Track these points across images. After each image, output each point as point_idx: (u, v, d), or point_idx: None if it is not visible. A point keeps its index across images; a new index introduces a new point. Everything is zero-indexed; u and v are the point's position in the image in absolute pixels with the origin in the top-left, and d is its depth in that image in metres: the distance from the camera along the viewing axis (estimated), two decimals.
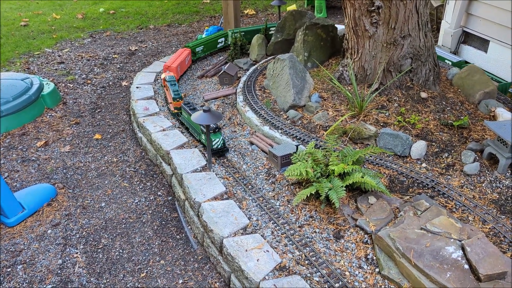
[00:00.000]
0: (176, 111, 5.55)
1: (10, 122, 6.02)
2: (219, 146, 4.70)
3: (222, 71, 6.28)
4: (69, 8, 12.25)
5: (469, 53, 6.71)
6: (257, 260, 3.42)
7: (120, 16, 11.48)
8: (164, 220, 4.51)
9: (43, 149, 5.72)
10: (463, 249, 3.08)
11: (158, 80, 6.75)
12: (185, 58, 6.69)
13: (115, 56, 8.73)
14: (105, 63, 8.41)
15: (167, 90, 5.84)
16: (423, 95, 5.07)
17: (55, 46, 9.35)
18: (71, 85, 7.46)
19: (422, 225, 3.35)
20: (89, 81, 7.63)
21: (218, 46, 7.59)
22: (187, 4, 12.42)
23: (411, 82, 5.18)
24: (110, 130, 6.15)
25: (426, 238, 3.23)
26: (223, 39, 7.60)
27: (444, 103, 5.05)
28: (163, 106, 6.01)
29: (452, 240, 3.17)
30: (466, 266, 2.97)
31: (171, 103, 5.63)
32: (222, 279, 3.75)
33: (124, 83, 7.52)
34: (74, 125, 6.27)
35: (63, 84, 7.44)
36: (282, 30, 6.95)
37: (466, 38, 6.81)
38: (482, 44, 6.46)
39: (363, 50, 5.13)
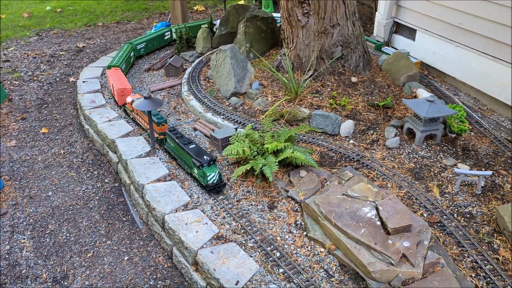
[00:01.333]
0: (161, 137, 4.86)
1: None
2: (215, 181, 4.09)
3: (167, 64, 6.49)
4: (15, 7, 12.00)
5: (400, 42, 7.23)
6: (196, 232, 3.69)
7: (68, 14, 11.39)
8: (111, 204, 4.69)
9: None
10: (376, 209, 3.47)
11: (105, 75, 6.86)
12: (124, 76, 6.14)
13: (62, 53, 8.73)
14: (52, 60, 8.40)
15: (137, 115, 5.29)
16: (354, 79, 5.49)
17: (1, 46, 9.21)
18: (17, 82, 7.43)
19: (344, 191, 3.72)
20: (35, 78, 7.62)
21: (131, 60, 7.18)
22: (137, 2, 12.46)
23: (343, 68, 5.59)
24: (57, 124, 6.23)
25: (346, 202, 3.60)
26: (132, 52, 7.19)
27: (372, 86, 5.49)
28: (109, 98, 6.15)
29: (368, 202, 3.56)
30: (378, 223, 3.36)
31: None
32: (165, 253, 3.99)
33: (71, 79, 7.56)
34: (20, 121, 6.30)
35: (8, 82, 7.40)
36: (226, 24, 7.23)
37: (397, 28, 7.33)
38: (411, 33, 6.98)
39: (298, 39, 5.49)
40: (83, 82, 6.55)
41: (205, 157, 4.12)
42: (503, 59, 5.42)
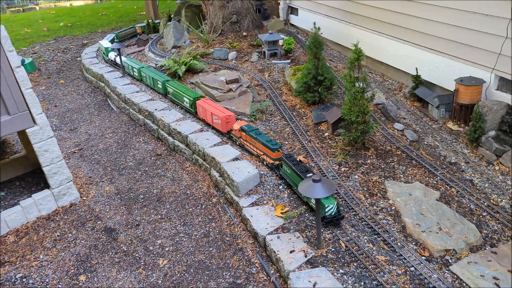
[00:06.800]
0: (276, 162, 4.84)
1: None
2: (333, 214, 3.94)
3: (138, 38, 10.31)
4: (36, 25, 16.09)
5: (293, 18, 10.95)
6: (140, 98, 7.35)
7: (76, 27, 15.41)
8: (101, 105, 8.37)
9: None
10: (226, 77, 7.10)
11: (99, 52, 10.66)
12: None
13: (72, 46, 12.63)
14: (65, 50, 12.29)
15: (245, 141, 5.35)
16: (244, 34, 9.21)
17: (29, 46, 13.16)
18: (43, 62, 11.29)
19: (215, 74, 7.39)
20: (55, 60, 11.48)
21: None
22: (128, 16, 16.50)
23: (239, 28, 9.32)
24: (70, 79, 10.01)
25: (214, 76, 7.25)
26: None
27: (256, 37, 9.19)
28: (101, 60, 9.95)
29: (223, 76, 7.20)
30: (224, 81, 6.99)
31: (262, 155, 5.06)
32: (127, 116, 7.64)
33: (79, 59, 11.40)
34: (47, 78, 10.10)
35: (37, 62, 11.25)
36: (178, 14, 11.06)
37: (292, 10, 11.07)
38: (296, 12, 10.72)
39: (210, 12, 9.26)
40: (85, 54, 10.39)
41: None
42: (338, 18, 9.05)
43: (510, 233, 3.89)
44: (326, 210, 3.93)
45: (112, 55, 8.94)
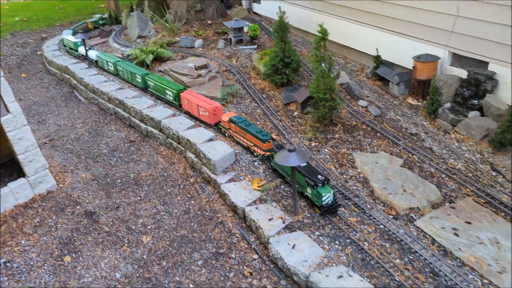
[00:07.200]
0: (267, 153, 4.75)
1: None
2: (330, 202, 3.91)
3: (100, 30, 10.21)
4: None
5: (256, 7, 11.11)
6: (109, 87, 7.36)
7: (33, 21, 14.97)
8: (68, 97, 8.30)
9: None
10: (195, 64, 7.23)
11: (60, 44, 10.48)
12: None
13: (31, 41, 12.31)
14: (24, 45, 11.97)
15: (235, 132, 5.22)
16: (209, 22, 9.33)
17: None
18: (2, 57, 10.97)
19: (184, 61, 7.49)
20: (14, 54, 11.18)
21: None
22: (86, 9, 16.18)
23: (204, 17, 9.43)
24: (32, 73, 9.80)
25: (182, 63, 7.36)
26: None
27: (221, 25, 9.32)
28: (64, 52, 9.80)
29: (192, 62, 7.32)
30: (193, 68, 7.11)
31: (253, 146, 4.98)
32: (97, 106, 7.62)
33: (39, 52, 11.15)
34: (8, 73, 9.85)
35: None
36: (141, 5, 11.01)
37: None
38: (259, 0, 10.91)
39: (174, 1, 9.31)
40: (47, 47, 10.19)
41: (319, 176, 3.93)
42: (300, 4, 9.30)
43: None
44: (323, 199, 3.90)
45: (82, 49, 8.82)
